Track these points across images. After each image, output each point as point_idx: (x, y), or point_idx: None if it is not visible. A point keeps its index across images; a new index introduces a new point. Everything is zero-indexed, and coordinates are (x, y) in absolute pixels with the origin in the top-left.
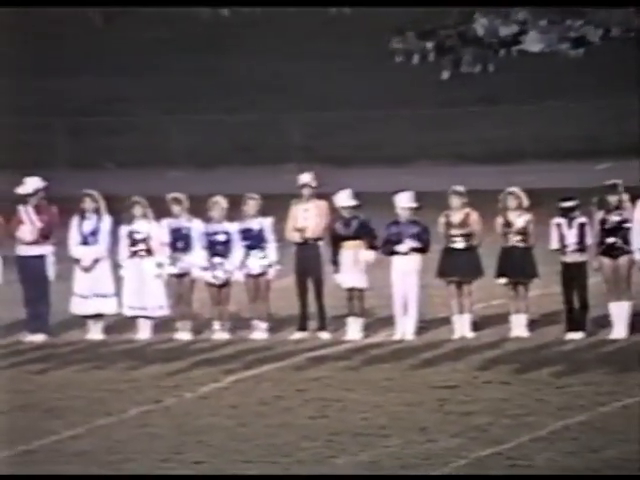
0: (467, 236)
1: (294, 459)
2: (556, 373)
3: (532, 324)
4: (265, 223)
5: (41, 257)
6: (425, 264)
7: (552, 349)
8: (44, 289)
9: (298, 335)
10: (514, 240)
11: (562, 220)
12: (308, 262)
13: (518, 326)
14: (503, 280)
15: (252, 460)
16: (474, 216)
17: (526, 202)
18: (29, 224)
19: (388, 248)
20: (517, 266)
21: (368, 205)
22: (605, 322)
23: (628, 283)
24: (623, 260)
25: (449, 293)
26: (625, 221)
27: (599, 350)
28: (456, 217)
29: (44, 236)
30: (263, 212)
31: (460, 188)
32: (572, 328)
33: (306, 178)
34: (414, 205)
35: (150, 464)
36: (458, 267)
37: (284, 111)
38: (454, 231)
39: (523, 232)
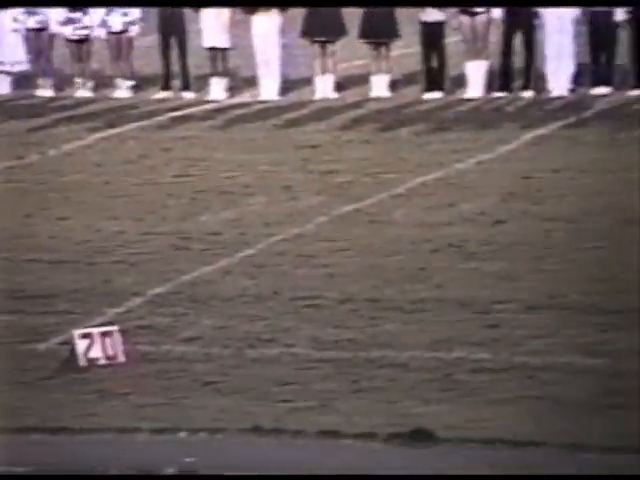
0: None
1: (159, 216)
2: (416, 132)
3: (393, 84)
4: None
5: None
6: (288, 24)
7: (412, 108)
8: None
9: (162, 94)
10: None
11: None
12: (171, 20)
13: (379, 86)
14: (365, 40)
15: (119, 217)
16: None
17: None
18: None
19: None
20: (379, 26)
21: None
22: (462, 81)
23: (485, 42)
24: (481, 18)
25: (313, 53)
26: None
27: (456, 109)
28: None
29: None
30: None
31: None
32: (431, 88)
33: None
34: None
35: (15, 220)
36: (322, 26)
37: None
38: None
39: None
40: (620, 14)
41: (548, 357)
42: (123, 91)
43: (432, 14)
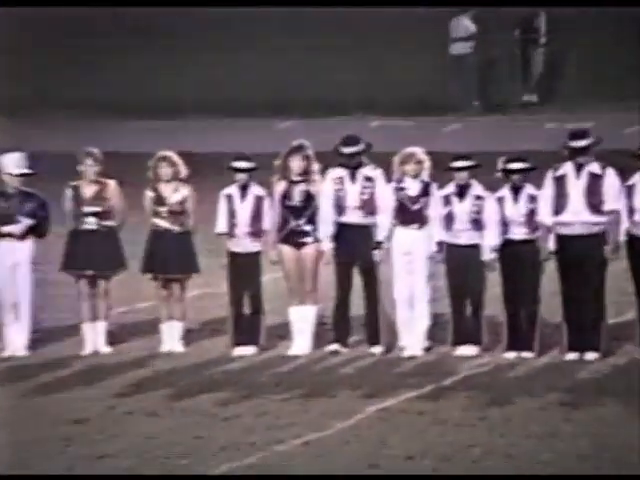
0: (103, 214)
1: None
2: (222, 400)
3: (189, 335)
4: None
5: None
6: (44, 253)
7: (216, 369)
8: None
9: None
10: (167, 221)
11: (233, 190)
12: None
13: (171, 338)
14: (151, 276)
15: None
16: (113, 188)
17: (185, 171)
18: None
19: None
20: (167, 259)
21: None
22: (286, 332)
23: (314, 281)
24: (308, 250)
25: (79, 292)
26: (313, 196)
27: (275, 370)
28: (88, 189)
29: None
30: None
31: (94, 150)
32: (241, 341)
33: None
34: (27, 171)
35: None
36: (91, 257)
37: None
38: (86, 208)
39: (179, 211)
40: None
41: None
42: None
43: (244, 245)
